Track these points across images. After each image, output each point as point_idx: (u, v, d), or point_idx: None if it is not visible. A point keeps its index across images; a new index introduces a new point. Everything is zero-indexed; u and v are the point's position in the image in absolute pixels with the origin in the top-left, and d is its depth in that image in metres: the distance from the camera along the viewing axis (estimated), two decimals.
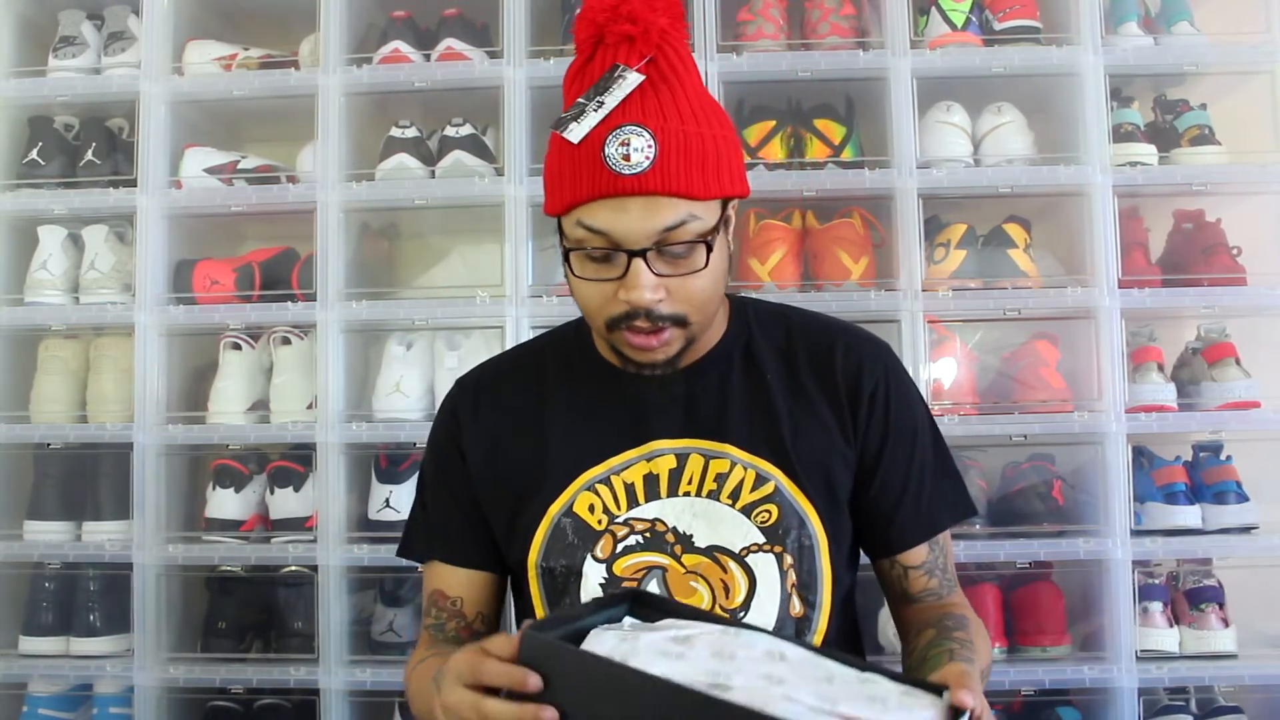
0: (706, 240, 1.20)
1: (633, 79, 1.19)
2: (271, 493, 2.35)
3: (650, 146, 1.17)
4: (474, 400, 1.42)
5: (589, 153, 1.18)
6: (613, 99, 1.18)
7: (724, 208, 1.25)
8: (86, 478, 2.39)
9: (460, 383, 1.46)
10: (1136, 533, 2.21)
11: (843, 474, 1.33)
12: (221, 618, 2.35)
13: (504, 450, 1.37)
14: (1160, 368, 2.32)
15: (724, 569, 1.29)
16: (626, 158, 1.16)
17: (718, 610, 1.28)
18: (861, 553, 1.42)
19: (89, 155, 2.44)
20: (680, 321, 1.24)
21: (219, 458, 2.37)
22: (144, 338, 2.34)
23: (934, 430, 1.40)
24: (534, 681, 0.97)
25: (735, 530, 1.29)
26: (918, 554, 1.36)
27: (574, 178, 1.19)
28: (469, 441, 1.39)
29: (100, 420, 2.37)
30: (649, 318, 1.22)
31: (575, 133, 1.18)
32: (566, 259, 1.24)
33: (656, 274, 1.20)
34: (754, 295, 1.47)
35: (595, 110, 1.18)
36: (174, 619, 2.35)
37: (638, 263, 1.19)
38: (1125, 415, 2.23)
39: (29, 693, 2.33)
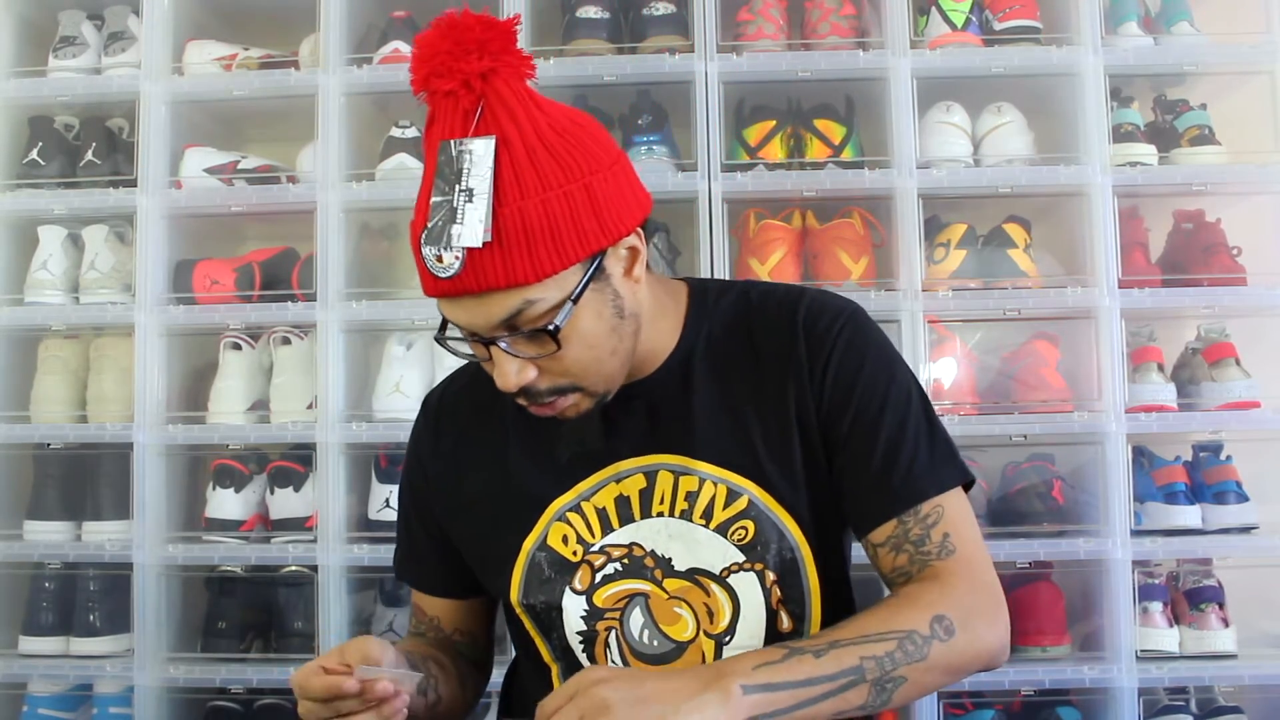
0: (546, 327, 1.09)
1: (478, 149, 1.08)
2: (271, 493, 2.35)
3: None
4: (435, 425, 1.37)
5: (416, 253, 1.10)
6: (480, 182, 1.07)
7: (593, 262, 1.12)
8: (86, 478, 2.39)
9: (425, 401, 1.41)
10: (1136, 533, 2.21)
11: (819, 471, 1.23)
12: (221, 618, 2.35)
13: (467, 483, 1.32)
14: (1160, 368, 2.32)
15: (706, 592, 1.23)
16: (439, 258, 1.07)
17: (703, 636, 1.23)
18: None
19: (89, 155, 2.44)
20: (568, 390, 1.16)
21: (219, 458, 2.37)
22: (144, 338, 2.33)
23: (919, 395, 1.25)
24: (350, 685, 1.08)
25: (713, 551, 1.22)
26: (884, 529, 1.21)
27: (419, 273, 1.12)
28: (432, 469, 1.35)
29: (100, 420, 2.37)
30: (528, 396, 1.16)
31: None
32: (441, 343, 1.18)
33: (520, 355, 1.12)
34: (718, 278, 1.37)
35: (468, 201, 1.07)
36: (174, 619, 2.35)
37: (495, 351, 1.12)
38: (1125, 415, 2.23)
39: (29, 693, 2.32)
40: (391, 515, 2.27)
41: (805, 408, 1.23)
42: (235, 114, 2.58)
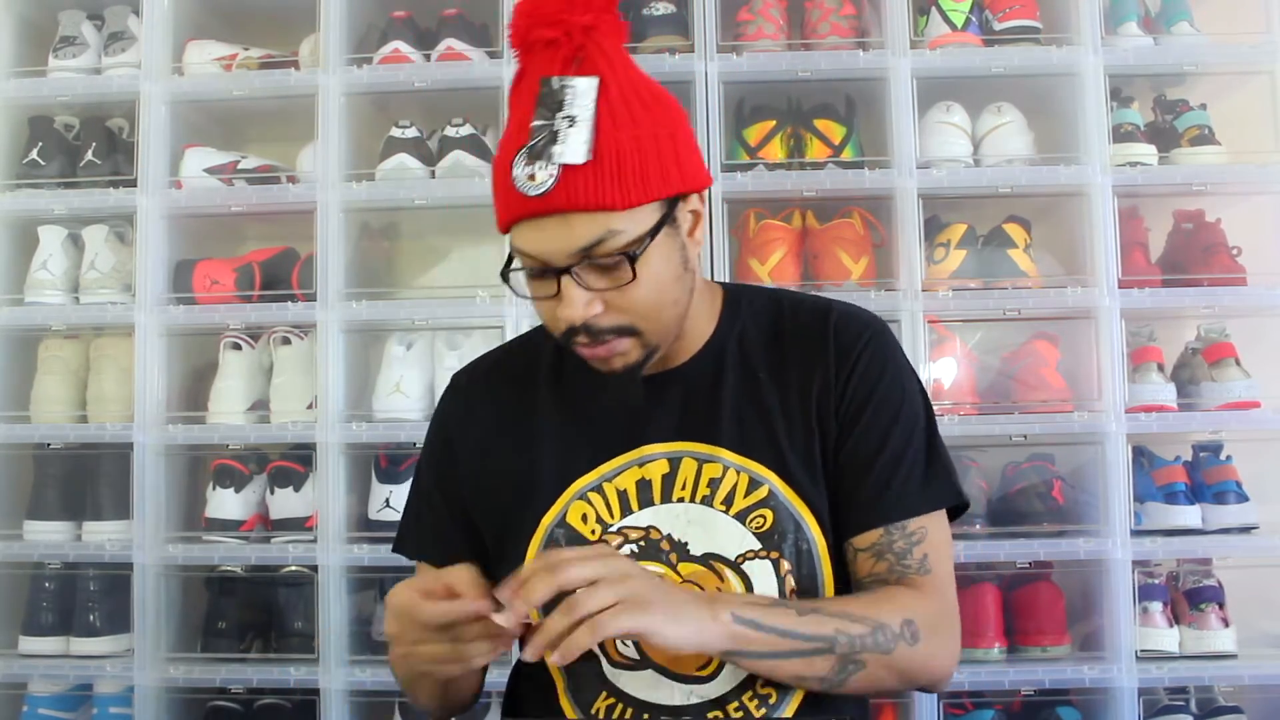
0: (628, 253, 1.15)
1: (581, 85, 1.15)
2: (271, 493, 2.35)
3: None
4: (465, 401, 1.40)
5: (503, 176, 1.15)
6: (584, 111, 1.14)
7: (669, 207, 1.19)
8: (86, 478, 2.39)
9: (454, 380, 1.44)
10: (1136, 533, 2.22)
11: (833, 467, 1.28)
12: (221, 618, 2.35)
13: (493, 458, 1.34)
14: (1160, 368, 2.33)
15: (721, 577, 1.25)
16: (532, 177, 1.13)
17: None
18: None
19: (89, 155, 2.44)
20: (627, 331, 1.20)
21: (219, 458, 2.37)
22: (144, 338, 2.34)
23: (927, 415, 1.31)
24: (481, 606, 1.09)
25: (730, 537, 1.25)
26: (869, 536, 1.26)
27: (500, 201, 1.17)
28: (460, 445, 1.37)
29: (100, 420, 2.37)
30: (589, 333, 1.19)
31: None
32: (505, 279, 1.21)
33: (590, 288, 1.17)
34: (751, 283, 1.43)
35: (570, 126, 1.14)
36: (174, 619, 2.35)
37: (566, 280, 1.16)
38: (1125, 415, 2.23)
39: (29, 693, 2.33)
40: (392, 515, 2.27)
41: (826, 408, 1.28)
42: (235, 114, 2.58)
